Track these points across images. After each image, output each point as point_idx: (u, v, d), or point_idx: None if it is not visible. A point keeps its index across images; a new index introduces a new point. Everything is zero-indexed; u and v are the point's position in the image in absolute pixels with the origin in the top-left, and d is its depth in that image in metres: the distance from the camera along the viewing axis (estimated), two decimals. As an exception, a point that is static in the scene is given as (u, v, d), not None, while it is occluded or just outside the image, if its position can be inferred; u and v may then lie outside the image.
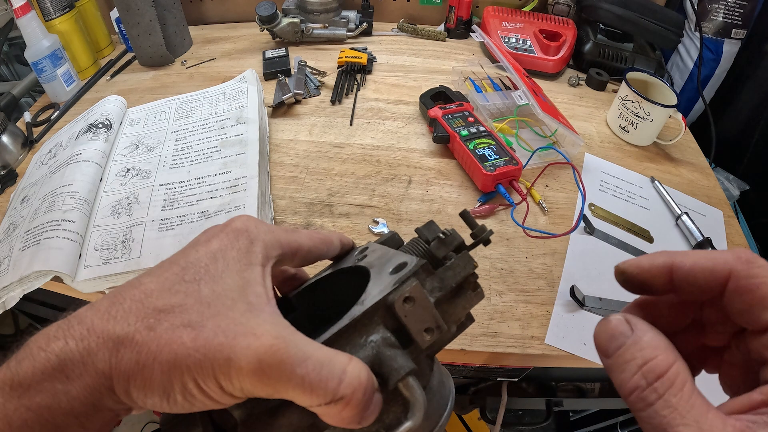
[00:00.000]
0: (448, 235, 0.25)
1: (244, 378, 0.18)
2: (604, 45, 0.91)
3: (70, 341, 0.19)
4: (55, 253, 0.54)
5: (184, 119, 0.75)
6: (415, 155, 0.73)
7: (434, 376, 0.24)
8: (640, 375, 0.17)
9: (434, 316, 0.21)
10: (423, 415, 0.20)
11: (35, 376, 0.18)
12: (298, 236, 0.25)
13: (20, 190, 0.67)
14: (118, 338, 0.19)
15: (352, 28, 0.98)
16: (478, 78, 0.86)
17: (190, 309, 0.20)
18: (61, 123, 0.79)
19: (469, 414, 0.96)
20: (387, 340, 0.21)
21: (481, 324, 0.53)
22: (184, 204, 0.61)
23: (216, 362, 0.18)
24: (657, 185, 0.71)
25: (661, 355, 0.17)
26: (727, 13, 0.88)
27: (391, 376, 0.20)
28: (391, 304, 0.21)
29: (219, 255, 0.22)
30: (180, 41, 0.95)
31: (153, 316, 0.19)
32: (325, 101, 0.83)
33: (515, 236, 0.62)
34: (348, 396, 0.18)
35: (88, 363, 0.19)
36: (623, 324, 0.19)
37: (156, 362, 0.18)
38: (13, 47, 1.05)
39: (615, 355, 0.18)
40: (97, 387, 0.19)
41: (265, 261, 0.23)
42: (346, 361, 0.19)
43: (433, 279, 0.22)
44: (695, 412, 0.16)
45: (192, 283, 0.20)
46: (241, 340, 0.18)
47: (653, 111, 0.73)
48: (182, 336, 0.19)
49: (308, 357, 0.18)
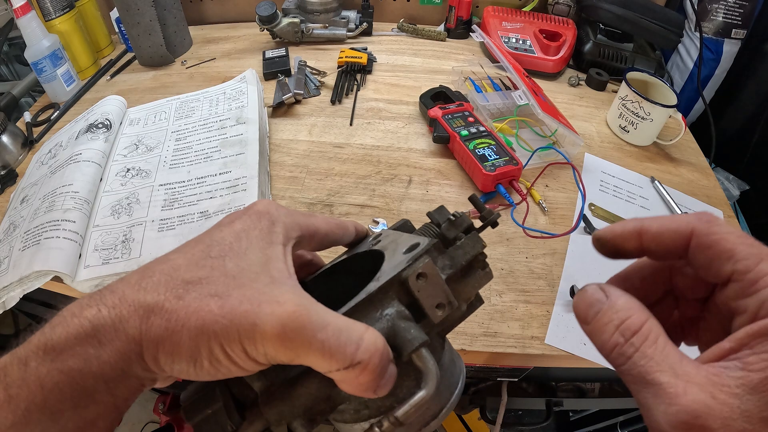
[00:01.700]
0: (458, 218, 0.26)
1: (267, 342, 0.19)
2: (604, 45, 0.91)
3: (102, 309, 0.20)
4: (55, 253, 0.54)
5: (184, 119, 0.75)
6: (415, 155, 0.73)
7: (445, 355, 0.25)
8: (618, 334, 0.19)
9: (446, 293, 0.22)
10: (435, 386, 0.20)
11: (68, 340, 0.19)
12: (315, 220, 0.27)
13: (20, 190, 0.67)
14: (148, 306, 0.20)
15: (352, 28, 0.98)
16: (478, 78, 0.86)
17: (217, 281, 0.21)
18: (61, 123, 0.79)
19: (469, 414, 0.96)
20: (401, 313, 0.22)
21: (481, 324, 0.53)
22: (184, 204, 0.61)
23: (241, 327, 0.19)
24: (657, 185, 0.71)
25: (634, 314, 0.19)
26: (727, 13, 0.88)
27: (405, 347, 0.20)
28: (405, 280, 0.22)
29: (242, 234, 0.23)
30: (180, 41, 0.95)
31: (181, 287, 0.20)
32: (325, 101, 0.83)
33: (515, 236, 0.62)
34: (365, 361, 0.19)
35: (120, 329, 0.20)
36: (598, 292, 0.20)
37: (184, 328, 0.19)
38: (13, 47, 1.05)
39: (594, 320, 0.20)
40: (127, 352, 0.20)
41: (285, 241, 0.24)
42: (363, 329, 0.20)
43: (444, 257, 0.24)
44: (670, 360, 0.18)
45: (217, 259, 0.21)
46: (265, 307, 0.19)
47: (653, 111, 0.73)
48: (209, 304, 0.20)
49: (328, 323, 0.19)
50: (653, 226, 0.21)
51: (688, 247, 0.20)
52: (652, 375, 0.17)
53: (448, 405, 0.24)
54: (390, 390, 0.21)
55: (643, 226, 0.21)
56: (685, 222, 0.20)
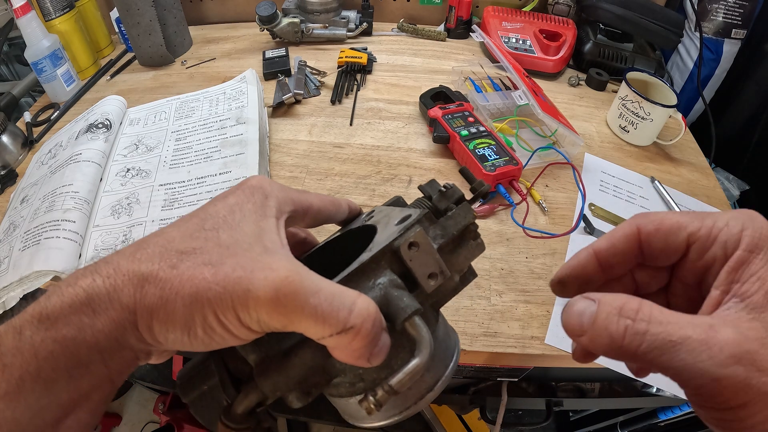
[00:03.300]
0: (449, 189, 0.26)
1: (261, 308, 0.19)
2: (604, 45, 0.91)
3: (97, 278, 0.20)
4: (55, 253, 0.54)
5: (184, 119, 0.75)
6: (415, 155, 0.73)
7: (439, 328, 0.25)
8: (623, 318, 0.19)
9: (438, 262, 0.22)
10: (429, 354, 0.20)
11: (63, 309, 0.19)
12: (308, 196, 0.27)
13: (20, 190, 0.67)
14: (142, 275, 0.20)
15: (352, 28, 0.98)
16: (478, 78, 0.86)
17: (210, 251, 0.21)
18: (61, 123, 0.79)
19: (469, 414, 0.96)
20: (394, 281, 0.22)
21: (481, 324, 0.53)
22: (184, 204, 0.61)
23: (235, 294, 0.19)
24: (657, 185, 0.71)
25: (628, 299, 0.19)
26: (727, 13, 0.88)
27: (398, 315, 0.21)
28: (397, 249, 0.22)
29: (236, 208, 0.23)
30: (180, 41, 0.95)
31: (175, 256, 0.20)
32: (325, 101, 0.83)
33: (515, 236, 0.62)
34: (358, 326, 0.19)
35: (114, 298, 0.20)
36: (583, 300, 0.20)
37: (178, 296, 0.19)
38: (13, 47, 1.05)
39: (590, 325, 0.20)
40: (122, 321, 0.20)
41: (278, 214, 0.24)
42: (355, 295, 0.20)
43: (435, 227, 0.24)
44: (684, 318, 0.18)
45: (211, 231, 0.22)
46: (258, 273, 0.19)
47: (653, 111, 0.73)
48: (203, 272, 0.20)
49: (321, 289, 0.20)
50: (602, 243, 0.23)
51: (641, 243, 0.22)
52: (678, 333, 0.17)
53: (444, 377, 0.24)
54: (384, 361, 0.21)
55: (593, 248, 0.23)
56: (628, 224, 0.22)
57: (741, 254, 0.19)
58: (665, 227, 0.21)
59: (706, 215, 0.21)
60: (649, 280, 0.25)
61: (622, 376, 0.49)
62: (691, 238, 0.21)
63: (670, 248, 0.21)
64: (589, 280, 0.23)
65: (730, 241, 0.19)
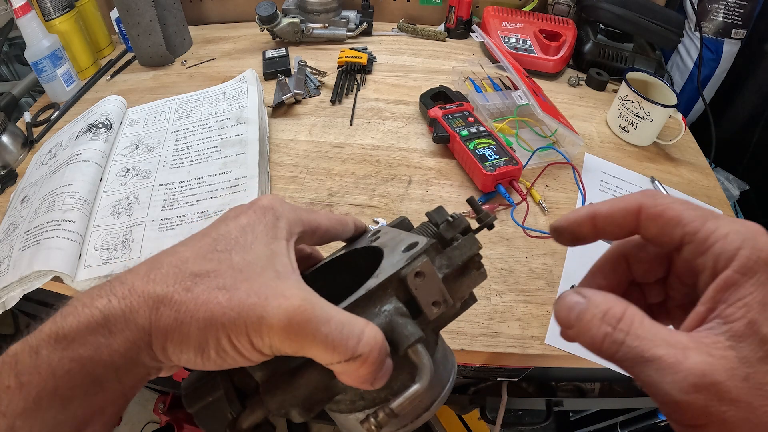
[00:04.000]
0: (456, 219, 0.27)
1: (274, 335, 0.20)
2: (604, 45, 0.91)
3: (113, 299, 0.20)
4: (55, 253, 0.54)
5: (184, 119, 0.75)
6: (415, 155, 0.73)
7: (438, 350, 0.26)
8: (605, 324, 0.19)
9: (442, 291, 0.23)
10: (429, 381, 0.21)
11: (80, 329, 0.20)
12: (317, 216, 0.28)
13: (20, 190, 0.67)
14: (158, 297, 0.20)
15: (352, 28, 0.98)
16: (478, 78, 0.86)
17: (224, 274, 0.21)
18: (61, 123, 0.79)
19: (469, 414, 0.96)
20: (399, 309, 0.22)
21: (481, 324, 0.53)
22: (184, 204, 0.61)
23: (249, 320, 0.20)
24: (657, 185, 0.71)
25: (615, 304, 0.20)
26: (727, 13, 0.88)
27: (401, 342, 0.21)
28: (404, 278, 0.23)
29: (248, 229, 0.24)
30: (180, 41, 0.95)
31: (190, 279, 0.21)
32: (325, 101, 0.83)
33: (515, 236, 0.62)
34: (365, 354, 0.20)
35: (130, 319, 0.20)
36: (575, 295, 0.21)
37: (193, 320, 0.20)
38: (13, 47, 1.05)
39: (577, 321, 0.20)
40: (137, 341, 0.20)
41: (289, 236, 0.24)
42: (363, 324, 0.21)
43: (441, 257, 0.24)
44: (661, 335, 0.18)
45: (224, 252, 0.22)
46: (272, 300, 0.20)
47: (653, 111, 0.73)
48: (218, 296, 0.20)
49: (331, 318, 0.20)
50: (603, 208, 0.22)
51: (638, 223, 0.22)
52: (650, 351, 0.18)
53: (440, 398, 0.25)
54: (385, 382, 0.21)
55: (594, 209, 0.23)
56: (633, 199, 0.22)
57: (731, 275, 0.18)
58: (665, 217, 0.21)
59: (712, 217, 0.20)
60: (645, 271, 0.25)
61: (622, 376, 0.49)
62: (686, 238, 0.20)
63: (664, 238, 0.21)
64: (581, 237, 0.24)
65: (723, 256, 0.19)
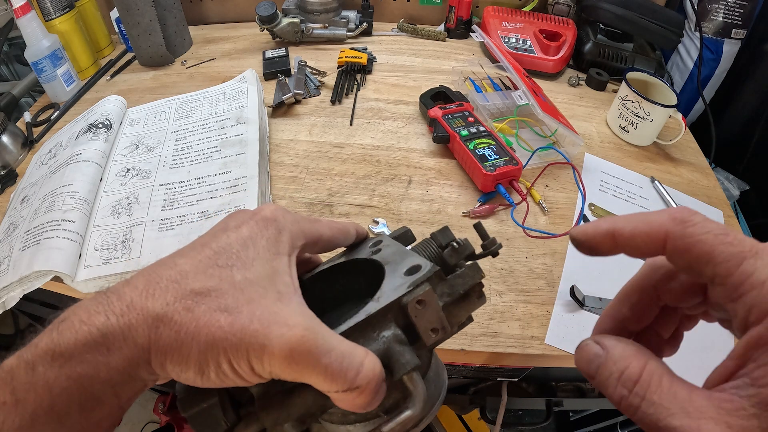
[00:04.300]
0: (461, 245, 0.27)
1: (275, 363, 0.20)
2: (604, 45, 0.91)
3: (111, 316, 0.20)
4: (55, 253, 0.54)
5: (184, 119, 0.75)
6: (415, 155, 0.73)
7: (432, 368, 0.27)
8: (620, 386, 0.19)
9: (441, 319, 0.23)
10: (421, 408, 0.22)
11: (77, 347, 0.19)
12: (319, 226, 0.27)
13: (20, 190, 0.67)
14: (157, 316, 0.20)
15: (352, 28, 0.98)
16: (478, 78, 0.86)
17: (226, 294, 0.21)
18: (61, 123, 0.79)
19: (469, 414, 0.96)
20: (398, 337, 0.23)
21: (481, 324, 0.53)
22: (184, 204, 0.61)
23: (251, 347, 0.20)
24: (657, 185, 0.71)
25: (632, 362, 0.19)
26: (727, 13, 0.88)
27: (397, 369, 0.22)
28: (405, 305, 0.23)
29: (249, 242, 0.23)
30: (180, 41, 0.95)
31: (190, 297, 0.21)
32: (325, 101, 0.83)
33: (515, 236, 0.62)
34: (363, 386, 0.20)
35: (129, 337, 0.20)
36: (595, 346, 0.20)
37: (194, 342, 0.20)
38: (13, 47, 1.05)
39: (597, 374, 0.20)
40: (136, 359, 0.20)
41: (291, 251, 0.24)
42: (363, 355, 0.21)
43: (443, 285, 0.24)
44: (678, 399, 0.17)
45: (225, 269, 0.22)
46: (275, 329, 0.20)
47: (653, 111, 0.73)
48: (219, 319, 0.20)
49: (332, 349, 0.20)
50: (626, 228, 0.20)
51: (664, 248, 0.20)
52: (665, 421, 0.17)
53: (429, 414, 0.25)
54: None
55: (615, 228, 0.21)
56: (658, 225, 0.19)
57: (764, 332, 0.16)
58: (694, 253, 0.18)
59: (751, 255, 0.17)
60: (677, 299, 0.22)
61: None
62: (717, 279, 0.18)
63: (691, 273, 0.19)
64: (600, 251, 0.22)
65: (758, 308, 0.17)
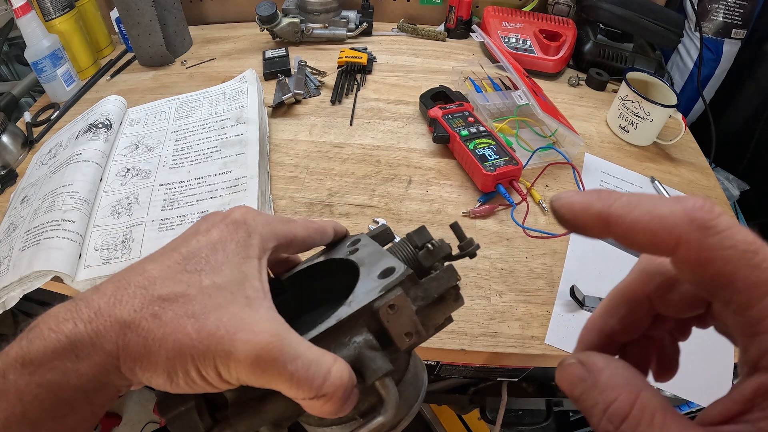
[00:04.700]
0: (437, 247, 0.26)
1: (241, 369, 0.20)
2: (604, 45, 0.91)
3: (79, 324, 0.20)
4: (55, 253, 0.54)
5: (184, 119, 0.75)
6: (415, 155, 0.73)
7: (409, 371, 0.26)
8: (606, 420, 0.16)
9: (415, 323, 0.23)
10: (393, 414, 0.22)
11: (46, 354, 0.19)
12: (293, 227, 0.27)
13: (20, 190, 0.67)
14: (125, 322, 0.20)
15: (352, 28, 0.98)
16: (478, 78, 0.86)
17: (193, 299, 0.21)
18: (61, 123, 0.79)
19: (469, 414, 0.96)
20: (369, 342, 0.22)
21: (481, 324, 0.53)
22: (184, 204, 0.61)
23: (217, 353, 0.20)
24: (657, 185, 0.71)
25: (621, 393, 0.16)
26: (727, 13, 0.88)
27: (369, 375, 0.22)
28: (376, 311, 0.22)
29: (219, 246, 0.23)
30: (180, 41, 0.95)
31: (158, 303, 0.21)
32: (325, 101, 0.83)
33: (515, 236, 0.62)
34: (330, 393, 0.20)
35: (97, 344, 0.20)
36: (579, 368, 0.18)
37: (162, 348, 0.20)
38: (13, 47, 1.05)
39: (580, 401, 0.17)
40: (105, 365, 0.20)
41: (261, 254, 0.24)
42: (331, 362, 0.21)
43: (417, 288, 0.24)
44: None
45: (193, 273, 0.22)
46: (241, 335, 0.20)
47: (653, 111, 0.73)
48: (186, 326, 0.20)
49: (299, 356, 0.20)
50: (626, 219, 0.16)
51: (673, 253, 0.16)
52: None
53: (407, 417, 0.25)
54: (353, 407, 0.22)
55: (611, 213, 0.16)
56: (670, 225, 0.15)
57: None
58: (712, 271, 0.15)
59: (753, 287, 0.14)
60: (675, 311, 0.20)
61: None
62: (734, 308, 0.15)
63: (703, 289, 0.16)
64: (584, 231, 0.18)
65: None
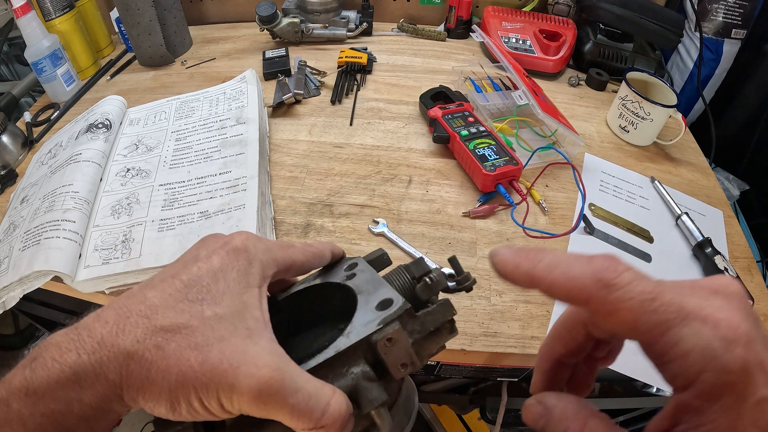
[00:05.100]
0: (434, 282, 0.27)
1: (243, 401, 0.21)
2: (604, 45, 0.91)
3: (82, 354, 0.20)
4: (55, 253, 0.54)
5: (184, 119, 0.75)
6: (415, 155, 0.73)
7: (402, 393, 0.27)
8: None
9: (410, 355, 0.24)
10: None
11: (50, 385, 0.20)
12: (293, 252, 0.28)
13: (20, 190, 0.67)
14: (128, 353, 0.21)
15: (352, 28, 0.98)
16: (478, 78, 0.86)
17: (195, 331, 0.21)
18: (61, 123, 0.79)
19: (469, 414, 0.96)
20: (366, 374, 0.23)
21: (481, 324, 0.53)
22: (184, 204, 0.61)
23: (220, 386, 0.20)
24: (657, 185, 0.71)
25: (571, 424, 0.20)
26: (727, 13, 0.88)
27: (365, 404, 0.23)
28: (374, 343, 0.23)
29: (219, 274, 0.23)
30: (180, 41, 0.95)
31: (160, 334, 0.21)
32: (325, 101, 0.83)
33: (515, 236, 0.62)
34: (329, 425, 0.21)
35: (100, 374, 0.20)
36: (538, 406, 0.21)
37: (165, 380, 0.20)
38: (13, 47, 1.05)
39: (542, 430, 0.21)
40: (108, 394, 0.21)
41: (261, 282, 0.25)
42: (330, 394, 0.22)
43: (414, 322, 0.25)
44: None
45: (195, 303, 0.22)
46: (243, 369, 0.21)
47: (653, 111, 0.73)
48: (189, 358, 0.21)
49: (299, 389, 0.21)
50: (545, 279, 0.20)
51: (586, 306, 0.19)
52: None
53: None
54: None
55: (535, 273, 0.20)
56: (580, 285, 0.19)
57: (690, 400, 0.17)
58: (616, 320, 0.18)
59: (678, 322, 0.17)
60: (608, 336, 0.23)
61: (622, 376, 0.49)
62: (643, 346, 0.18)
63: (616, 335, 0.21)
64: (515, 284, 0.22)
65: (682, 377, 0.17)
